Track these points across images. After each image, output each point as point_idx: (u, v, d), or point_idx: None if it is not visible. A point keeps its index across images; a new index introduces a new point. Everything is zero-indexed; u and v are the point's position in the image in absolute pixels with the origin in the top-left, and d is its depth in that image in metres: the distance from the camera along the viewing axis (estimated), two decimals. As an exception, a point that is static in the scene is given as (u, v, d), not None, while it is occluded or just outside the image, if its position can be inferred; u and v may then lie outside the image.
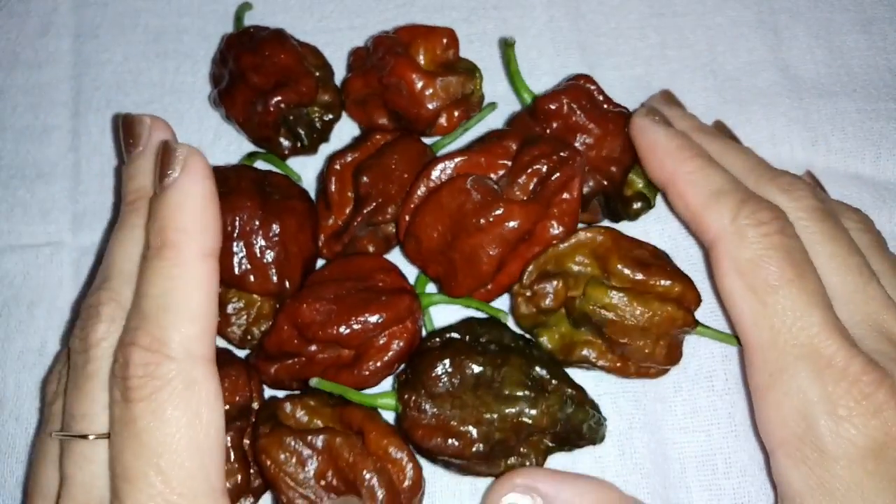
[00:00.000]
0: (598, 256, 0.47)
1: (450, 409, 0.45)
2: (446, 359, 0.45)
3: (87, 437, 0.39)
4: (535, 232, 0.47)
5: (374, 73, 0.53)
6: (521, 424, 0.45)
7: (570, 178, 0.47)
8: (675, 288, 0.46)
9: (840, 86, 0.59)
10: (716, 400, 0.50)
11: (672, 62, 0.60)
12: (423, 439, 0.44)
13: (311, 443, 0.43)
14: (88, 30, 0.61)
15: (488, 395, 0.45)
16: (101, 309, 0.41)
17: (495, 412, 0.45)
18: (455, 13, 0.60)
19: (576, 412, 0.45)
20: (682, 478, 0.49)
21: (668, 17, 0.61)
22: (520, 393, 0.45)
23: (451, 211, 0.47)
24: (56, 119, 0.58)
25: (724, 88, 0.59)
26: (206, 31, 0.60)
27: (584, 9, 0.61)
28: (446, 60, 0.53)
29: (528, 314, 0.48)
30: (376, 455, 0.44)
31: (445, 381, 0.45)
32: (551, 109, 0.51)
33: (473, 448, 0.44)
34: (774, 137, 0.57)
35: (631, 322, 0.46)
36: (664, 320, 0.46)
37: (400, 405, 0.45)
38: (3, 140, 0.58)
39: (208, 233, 0.41)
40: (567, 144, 0.48)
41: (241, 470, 0.44)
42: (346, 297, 0.46)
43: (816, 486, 0.41)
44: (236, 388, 0.45)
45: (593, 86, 0.52)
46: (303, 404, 0.45)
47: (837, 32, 0.61)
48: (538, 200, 0.46)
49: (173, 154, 0.42)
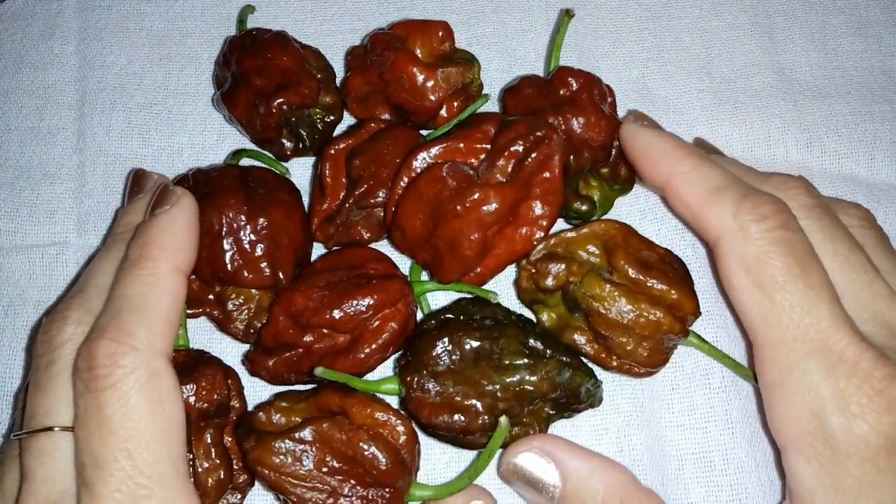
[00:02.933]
0: (607, 249, 0.48)
1: (453, 386, 0.46)
2: (444, 337, 0.46)
3: (52, 429, 0.40)
4: (519, 213, 0.48)
5: (374, 69, 0.53)
6: (523, 392, 0.45)
7: (548, 157, 0.47)
8: (672, 294, 0.46)
9: (835, 88, 0.60)
10: (712, 397, 0.50)
11: (668, 65, 0.60)
12: (430, 417, 0.45)
13: (300, 438, 0.44)
14: (93, 33, 0.61)
15: (489, 368, 0.46)
16: (69, 313, 0.43)
17: (497, 383, 0.45)
18: (455, 16, 0.61)
19: (573, 376, 0.46)
20: (679, 474, 0.49)
21: (664, 21, 0.62)
22: (519, 361, 0.46)
23: (429, 199, 0.47)
24: (61, 121, 0.59)
25: (720, 91, 0.59)
26: (210, 33, 0.61)
27: (581, 12, 0.61)
28: (444, 52, 0.55)
29: (528, 289, 0.49)
30: (365, 425, 0.44)
31: (445, 359, 0.46)
32: (568, 80, 0.52)
33: (479, 420, 0.45)
34: (769, 139, 0.58)
35: (615, 318, 0.46)
36: (650, 323, 0.46)
37: (403, 388, 0.46)
38: (8, 141, 0.58)
39: (184, 253, 0.45)
40: (543, 123, 0.48)
41: (223, 466, 0.44)
42: (338, 284, 0.47)
43: (828, 484, 0.40)
44: (214, 387, 0.46)
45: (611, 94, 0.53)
46: (275, 408, 0.46)
47: (832, 35, 0.62)
48: (515, 181, 0.47)
49: (170, 193, 0.46)
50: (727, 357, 0.49)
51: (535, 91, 0.53)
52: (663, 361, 0.48)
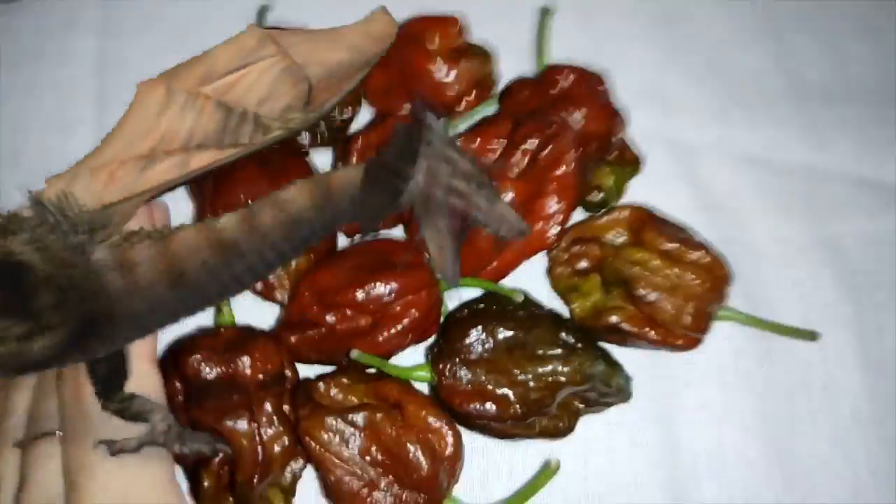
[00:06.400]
0: (633, 230, 0.49)
1: (485, 374, 0.46)
2: (478, 325, 0.47)
3: (55, 433, 0.40)
4: (534, 209, 0.49)
5: (394, 65, 0.54)
6: (556, 383, 0.46)
7: (562, 153, 0.48)
8: (706, 259, 0.48)
9: (845, 92, 0.60)
10: (726, 395, 0.51)
11: (679, 67, 0.61)
12: (462, 406, 0.45)
13: (352, 421, 0.44)
14: (113, 27, 0.62)
15: (521, 357, 0.46)
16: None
17: (529, 372, 0.46)
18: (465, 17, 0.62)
19: (605, 369, 0.47)
20: (692, 470, 0.50)
21: (675, 24, 0.63)
22: (552, 352, 0.46)
23: None
24: (81, 114, 0.59)
25: (733, 94, 0.60)
26: (230, 28, 0.61)
27: (596, 14, 0.62)
28: (459, 46, 0.56)
29: (563, 274, 0.50)
30: (416, 426, 0.45)
31: (478, 348, 0.46)
32: (560, 77, 0.53)
33: (511, 410, 0.45)
34: (779, 143, 0.58)
35: (660, 279, 0.47)
36: (692, 285, 0.47)
37: (435, 375, 0.46)
38: (28, 133, 0.58)
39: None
40: (556, 120, 0.49)
41: (287, 433, 0.44)
42: (364, 266, 0.48)
43: None
44: (267, 358, 0.46)
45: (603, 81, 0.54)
46: (336, 383, 0.46)
47: (842, 40, 0.62)
48: (528, 175, 0.48)
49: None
50: (765, 321, 0.50)
51: (530, 92, 0.53)
52: (705, 329, 0.49)
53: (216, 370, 0.45)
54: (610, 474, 0.49)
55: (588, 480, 0.49)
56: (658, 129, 0.58)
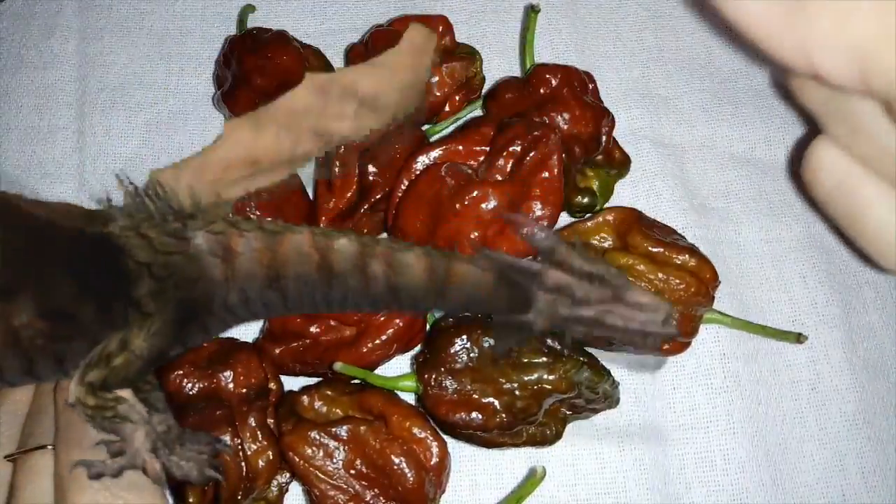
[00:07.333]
0: (619, 233, 0.49)
1: (471, 384, 0.46)
2: (463, 335, 0.46)
3: (46, 447, 0.39)
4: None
5: None
6: (541, 391, 0.46)
7: (546, 157, 0.48)
8: (692, 262, 0.48)
9: (834, 88, 0.60)
10: (714, 398, 0.51)
11: (668, 64, 0.61)
12: (448, 415, 0.45)
13: (335, 434, 0.44)
14: (93, 32, 0.61)
15: (507, 366, 0.46)
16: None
17: (515, 381, 0.46)
18: (455, 16, 0.61)
19: (591, 376, 0.46)
20: (681, 474, 0.50)
21: (664, 20, 0.62)
22: (537, 360, 0.46)
23: (429, 200, 0.48)
24: (61, 120, 0.58)
25: (720, 90, 0.60)
26: (210, 33, 0.61)
27: (582, 12, 0.62)
28: (445, 47, 0.55)
29: None
30: (401, 437, 0.45)
31: (464, 357, 0.46)
32: (546, 78, 0.52)
33: (496, 419, 0.45)
34: (769, 139, 0.58)
35: (646, 284, 0.47)
36: (678, 288, 0.47)
37: (421, 385, 0.46)
38: (8, 140, 0.58)
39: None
40: (541, 123, 0.49)
41: (271, 447, 0.44)
42: None
43: None
44: (250, 371, 0.46)
45: (590, 80, 0.54)
46: (320, 395, 0.46)
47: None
48: (514, 180, 0.47)
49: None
50: (751, 324, 0.50)
51: (515, 94, 0.53)
52: (693, 331, 0.49)
53: (198, 385, 0.45)
54: (598, 480, 0.49)
55: (577, 486, 0.49)
56: (644, 128, 0.58)
